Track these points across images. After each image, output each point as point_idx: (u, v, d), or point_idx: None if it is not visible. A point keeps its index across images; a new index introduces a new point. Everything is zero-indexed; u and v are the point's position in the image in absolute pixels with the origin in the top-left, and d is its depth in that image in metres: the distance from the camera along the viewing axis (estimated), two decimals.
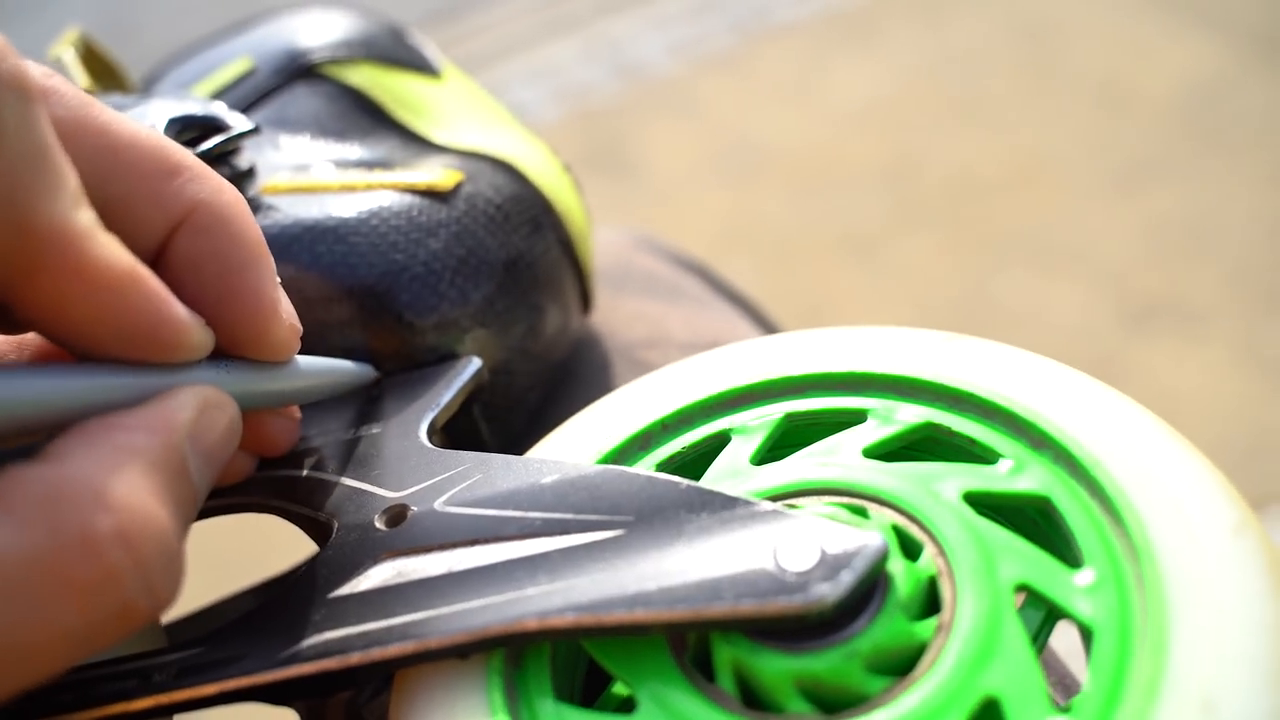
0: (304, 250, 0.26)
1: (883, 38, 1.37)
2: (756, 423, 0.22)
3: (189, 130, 0.27)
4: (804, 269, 1.12)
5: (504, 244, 0.27)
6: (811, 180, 1.21)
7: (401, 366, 0.26)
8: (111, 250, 0.18)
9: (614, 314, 0.33)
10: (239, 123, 0.27)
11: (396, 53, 0.32)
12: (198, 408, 0.19)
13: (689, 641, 0.19)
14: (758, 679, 0.18)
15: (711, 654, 0.19)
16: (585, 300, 0.30)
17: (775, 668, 0.18)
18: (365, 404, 0.25)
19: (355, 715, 0.21)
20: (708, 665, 0.19)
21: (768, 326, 0.37)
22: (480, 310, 0.26)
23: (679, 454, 0.23)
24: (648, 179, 1.25)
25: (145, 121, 0.27)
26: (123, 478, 0.17)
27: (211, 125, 0.27)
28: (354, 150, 0.29)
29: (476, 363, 0.25)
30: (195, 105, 0.28)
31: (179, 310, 0.19)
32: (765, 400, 0.23)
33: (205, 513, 0.24)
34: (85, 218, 0.17)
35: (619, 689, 0.20)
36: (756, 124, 1.29)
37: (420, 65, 0.32)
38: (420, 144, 0.29)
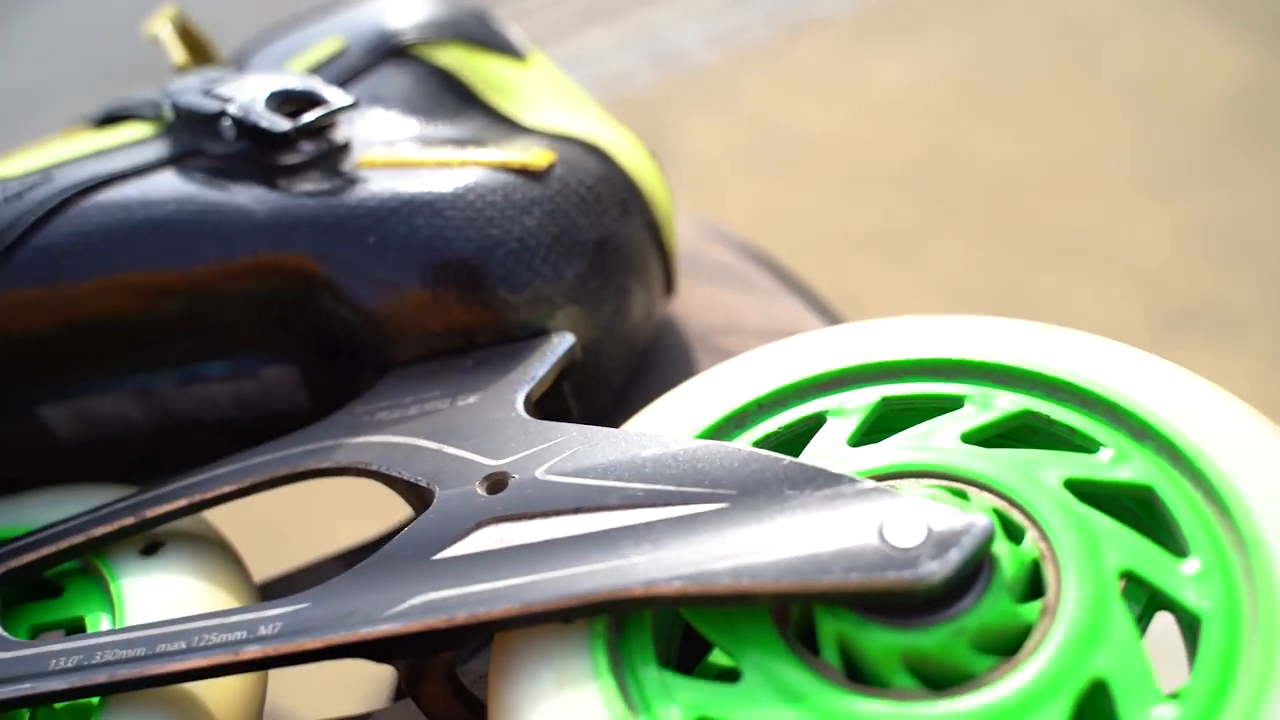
0: (402, 223, 0.26)
1: (920, 32, 1.36)
2: (852, 405, 0.23)
3: (288, 104, 0.28)
4: (837, 262, 1.12)
5: (595, 224, 0.27)
6: (846, 173, 1.20)
7: (493, 340, 0.26)
8: None
9: (689, 300, 0.33)
10: (337, 97, 0.28)
11: (484, 35, 0.32)
12: None
13: (792, 614, 0.19)
14: (863, 653, 0.18)
15: (815, 627, 0.19)
16: (669, 283, 0.31)
17: (882, 643, 0.18)
18: (460, 375, 0.26)
19: (454, 677, 0.22)
20: (811, 638, 0.19)
21: (832, 318, 0.37)
22: (572, 287, 0.27)
23: (774, 434, 0.23)
24: (684, 168, 1.25)
25: (244, 94, 0.28)
26: None
27: (310, 99, 0.28)
28: (444, 129, 0.29)
29: (570, 339, 0.26)
30: (294, 80, 0.28)
31: None
32: (861, 384, 0.23)
33: (306, 474, 0.24)
34: None
35: (715, 658, 0.21)
36: (793, 116, 1.29)
37: (507, 48, 0.32)
38: (509, 125, 0.30)
